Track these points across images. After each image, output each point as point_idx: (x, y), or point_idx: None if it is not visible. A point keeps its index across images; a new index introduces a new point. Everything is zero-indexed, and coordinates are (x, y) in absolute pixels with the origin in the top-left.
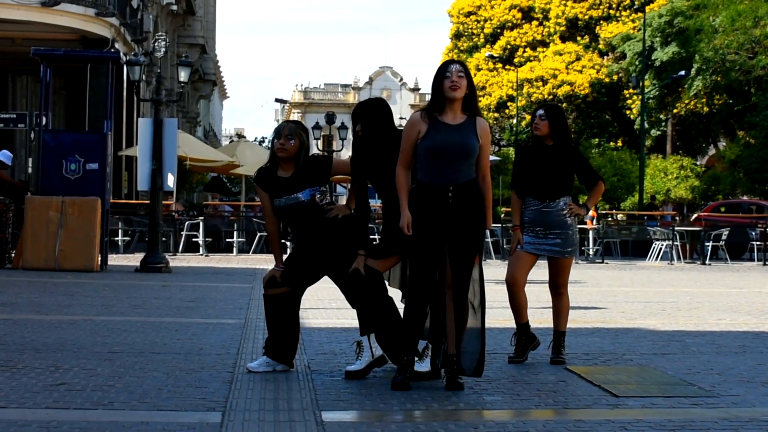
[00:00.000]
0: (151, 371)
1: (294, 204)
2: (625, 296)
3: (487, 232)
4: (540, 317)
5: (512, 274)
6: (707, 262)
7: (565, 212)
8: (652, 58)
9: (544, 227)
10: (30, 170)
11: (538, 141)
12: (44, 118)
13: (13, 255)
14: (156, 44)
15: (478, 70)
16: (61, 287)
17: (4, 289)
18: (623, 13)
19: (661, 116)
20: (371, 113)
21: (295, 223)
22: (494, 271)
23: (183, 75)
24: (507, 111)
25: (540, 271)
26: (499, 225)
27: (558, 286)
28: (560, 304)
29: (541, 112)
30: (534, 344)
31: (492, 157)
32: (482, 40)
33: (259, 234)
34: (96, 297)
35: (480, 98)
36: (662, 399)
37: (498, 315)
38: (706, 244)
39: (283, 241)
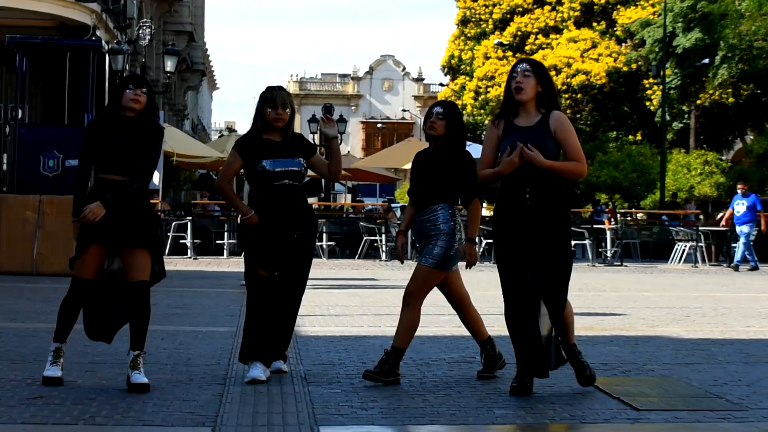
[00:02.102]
0: None
1: (284, 169)
2: (646, 301)
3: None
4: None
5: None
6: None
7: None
8: (674, 45)
9: (423, 237)
10: (5, 167)
11: (429, 141)
12: (20, 111)
13: None
14: (140, 32)
15: (487, 58)
16: (38, 293)
17: None
18: None
19: (684, 108)
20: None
21: (271, 192)
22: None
23: (169, 64)
24: None
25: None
26: None
27: (408, 294)
28: (403, 317)
29: (438, 109)
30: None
31: None
32: (491, 27)
33: None
34: None
35: (489, 89)
36: (687, 413)
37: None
38: (733, 245)
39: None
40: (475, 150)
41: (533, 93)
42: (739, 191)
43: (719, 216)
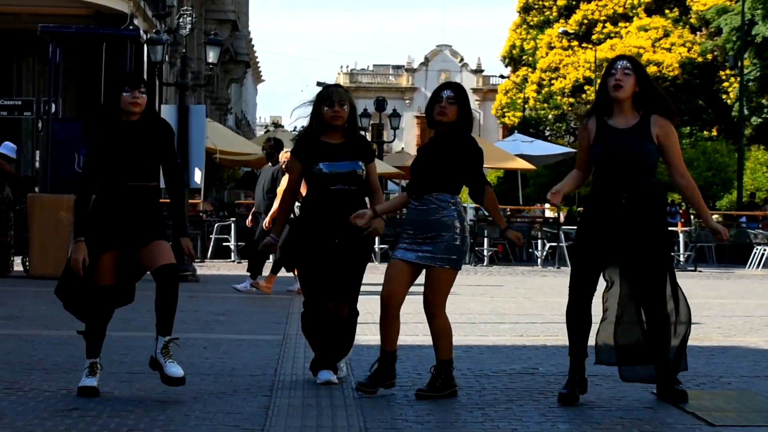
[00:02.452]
0: (177, 394)
1: (342, 171)
2: (722, 309)
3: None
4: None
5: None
6: None
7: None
8: (753, 33)
9: (421, 230)
10: (38, 165)
11: (433, 127)
12: (53, 106)
13: (23, 261)
14: (181, 20)
15: (551, 48)
16: None
17: (8, 301)
18: None
19: (763, 101)
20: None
21: (327, 196)
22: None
23: (212, 55)
24: (584, 96)
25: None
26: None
27: (429, 304)
28: (434, 328)
29: (449, 93)
30: (389, 384)
31: (566, 149)
32: (555, 14)
33: None
34: None
35: (553, 81)
36: (765, 429)
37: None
38: None
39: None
40: (537, 147)
41: (632, 92)
42: None
43: None
